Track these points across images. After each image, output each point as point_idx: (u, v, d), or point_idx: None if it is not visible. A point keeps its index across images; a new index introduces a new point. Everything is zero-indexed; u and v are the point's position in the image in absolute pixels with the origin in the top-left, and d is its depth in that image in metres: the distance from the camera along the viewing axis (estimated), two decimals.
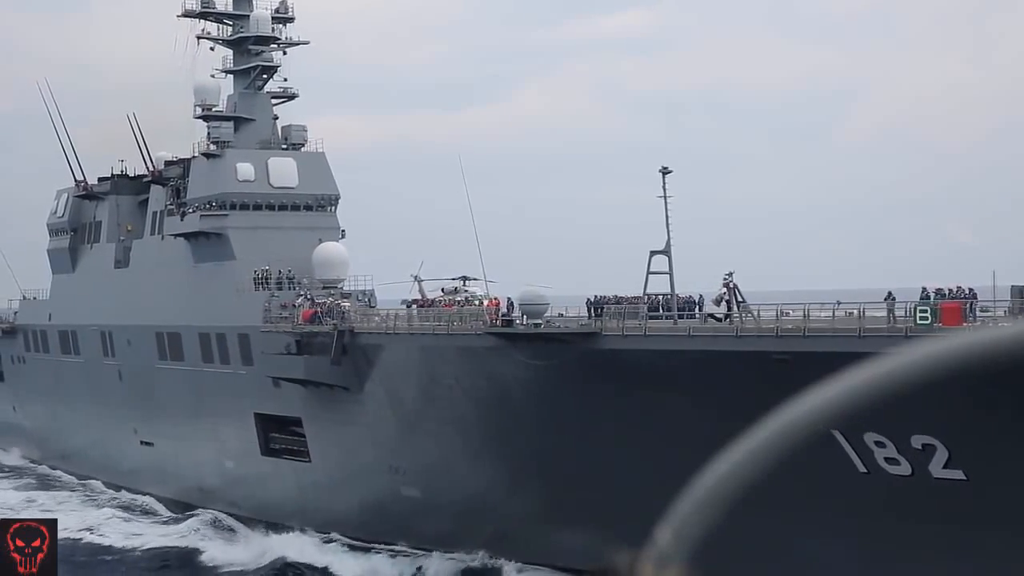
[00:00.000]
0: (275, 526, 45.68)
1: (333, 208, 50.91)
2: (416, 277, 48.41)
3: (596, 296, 37.35)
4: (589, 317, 35.36)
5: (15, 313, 69.53)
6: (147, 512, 52.35)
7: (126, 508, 53.00)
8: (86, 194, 61.42)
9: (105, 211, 60.04)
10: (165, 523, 49.76)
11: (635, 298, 36.60)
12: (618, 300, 35.97)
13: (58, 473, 61.52)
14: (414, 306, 43.52)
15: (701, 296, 36.25)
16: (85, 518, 50.08)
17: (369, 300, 46.92)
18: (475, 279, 49.25)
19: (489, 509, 37.20)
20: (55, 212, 64.50)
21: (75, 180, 62.50)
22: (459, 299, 44.48)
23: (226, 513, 48.68)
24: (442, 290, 47.95)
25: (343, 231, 50.48)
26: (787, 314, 30.66)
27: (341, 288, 46.82)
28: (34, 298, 67.65)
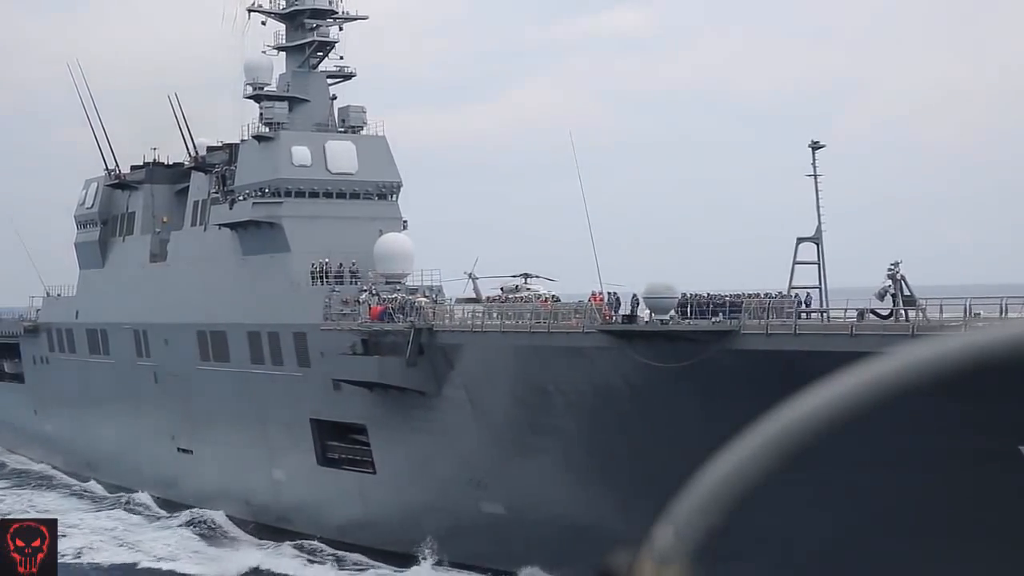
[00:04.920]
0: (333, 543, 41.89)
1: (395, 196, 46.91)
2: (471, 275, 44.86)
3: (683, 294, 33.53)
4: (683, 317, 31.63)
5: (37, 311, 65.39)
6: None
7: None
8: (118, 183, 57.40)
9: (139, 201, 56.05)
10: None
11: (727, 296, 32.70)
12: (710, 297, 32.15)
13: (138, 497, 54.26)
14: (503, 300, 39.91)
15: (809, 295, 32.34)
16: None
17: (436, 296, 42.86)
18: (536, 276, 46.18)
19: (587, 530, 33.14)
20: (83, 203, 60.40)
21: (105, 168, 58.49)
22: (521, 297, 41.33)
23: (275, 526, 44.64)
24: (501, 289, 44.54)
25: (405, 222, 46.51)
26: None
27: (405, 283, 42.88)
28: (59, 295, 63.60)
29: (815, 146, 28.03)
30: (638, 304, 32.42)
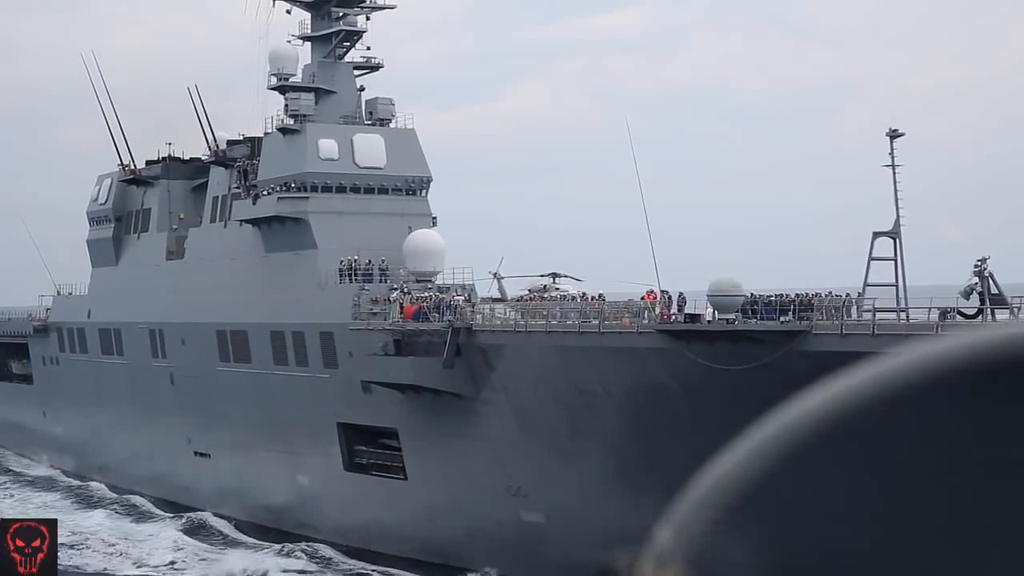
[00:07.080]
0: (360, 551, 40.21)
1: (425, 192, 45.23)
2: (495, 274, 43.35)
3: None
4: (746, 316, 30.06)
5: (47, 310, 63.63)
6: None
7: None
8: (133, 179, 55.71)
9: (155, 197, 54.36)
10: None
11: (771, 296, 31.10)
12: (754, 298, 30.52)
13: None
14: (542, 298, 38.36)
15: (860, 294, 30.65)
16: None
17: (469, 295, 41.18)
18: (564, 276, 44.91)
19: (634, 540, 31.36)
20: (96, 199, 58.71)
21: (120, 164, 56.79)
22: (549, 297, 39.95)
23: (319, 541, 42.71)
24: (529, 289, 43.06)
25: (434, 218, 44.86)
26: None
27: (436, 281, 41.24)
28: (69, 293, 61.88)
29: (893, 135, 26.35)
30: (685, 303, 30.97)
